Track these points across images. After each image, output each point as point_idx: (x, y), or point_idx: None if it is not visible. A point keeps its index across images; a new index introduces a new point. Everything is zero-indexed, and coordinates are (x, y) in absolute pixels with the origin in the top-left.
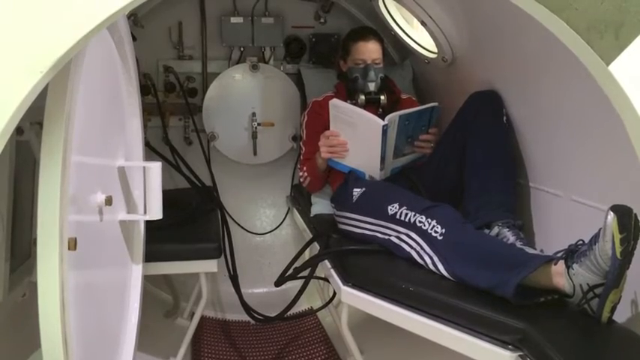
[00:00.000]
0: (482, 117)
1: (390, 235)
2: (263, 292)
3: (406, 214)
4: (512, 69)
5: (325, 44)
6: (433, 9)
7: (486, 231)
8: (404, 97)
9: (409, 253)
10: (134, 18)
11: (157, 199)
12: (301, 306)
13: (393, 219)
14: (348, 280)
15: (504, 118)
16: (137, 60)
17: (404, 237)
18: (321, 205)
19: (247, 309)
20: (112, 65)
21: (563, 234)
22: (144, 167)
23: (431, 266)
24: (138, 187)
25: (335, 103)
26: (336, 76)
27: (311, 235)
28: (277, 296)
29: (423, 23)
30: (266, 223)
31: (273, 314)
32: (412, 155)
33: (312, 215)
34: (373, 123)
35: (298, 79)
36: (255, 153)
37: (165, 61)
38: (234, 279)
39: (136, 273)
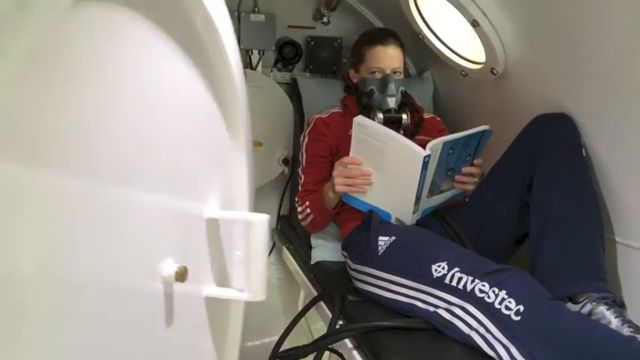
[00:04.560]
0: (555, 149)
1: (437, 307)
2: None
3: (460, 279)
4: (589, 86)
5: (325, 50)
6: (486, 3)
7: (570, 306)
8: (427, 116)
9: (468, 335)
10: None
11: (261, 271)
12: None
13: (439, 284)
14: None
15: (583, 151)
16: None
17: (457, 311)
18: (324, 250)
19: None
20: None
21: None
22: (245, 221)
23: None
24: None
25: (361, 121)
26: (344, 88)
27: (312, 290)
28: (260, 350)
29: (474, 24)
30: None
31: None
32: (449, 192)
33: (312, 262)
34: (411, 152)
35: (292, 90)
36: None
37: None
38: None
39: None
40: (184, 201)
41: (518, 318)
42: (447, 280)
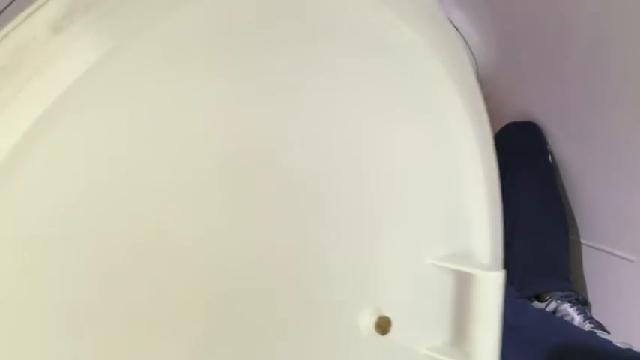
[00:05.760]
0: (523, 155)
1: None
2: None
3: None
4: (556, 95)
5: None
6: (457, 17)
7: (536, 304)
8: None
9: None
10: None
11: (491, 336)
12: None
13: None
14: None
15: (549, 157)
16: None
17: None
18: None
19: None
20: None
21: (637, 312)
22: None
23: None
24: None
25: None
26: None
27: None
28: None
29: None
30: None
31: None
32: None
33: None
34: None
35: None
36: None
37: None
38: None
39: None
40: (404, 241)
41: None
42: None
